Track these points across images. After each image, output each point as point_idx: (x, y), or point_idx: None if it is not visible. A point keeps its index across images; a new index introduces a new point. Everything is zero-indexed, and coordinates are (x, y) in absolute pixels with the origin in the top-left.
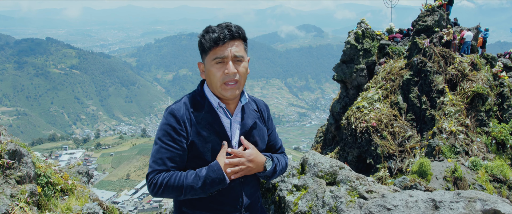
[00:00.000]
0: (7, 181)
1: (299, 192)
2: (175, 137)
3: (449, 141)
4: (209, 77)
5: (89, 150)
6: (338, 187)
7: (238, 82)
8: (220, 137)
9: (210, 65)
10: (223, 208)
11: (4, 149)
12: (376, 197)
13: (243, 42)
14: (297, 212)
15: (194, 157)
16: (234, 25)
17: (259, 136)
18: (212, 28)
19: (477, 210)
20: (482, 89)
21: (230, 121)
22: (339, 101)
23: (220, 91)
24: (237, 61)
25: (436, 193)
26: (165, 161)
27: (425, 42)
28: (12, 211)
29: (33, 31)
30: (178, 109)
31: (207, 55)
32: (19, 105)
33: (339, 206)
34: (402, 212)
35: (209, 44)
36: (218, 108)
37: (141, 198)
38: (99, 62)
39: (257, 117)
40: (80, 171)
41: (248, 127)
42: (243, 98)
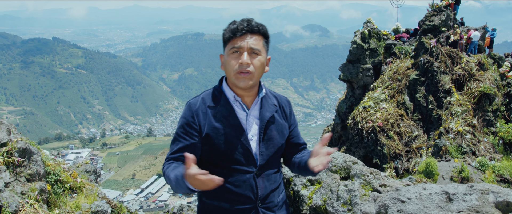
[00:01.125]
0: (17, 178)
1: (313, 186)
2: (187, 129)
3: (456, 141)
4: (226, 67)
5: (95, 150)
6: (352, 181)
7: (252, 74)
8: (235, 129)
9: (227, 55)
10: (238, 199)
11: (15, 147)
12: (390, 191)
13: (263, 38)
14: (311, 205)
15: (211, 149)
16: (256, 21)
17: (277, 130)
18: (234, 21)
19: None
20: (489, 89)
21: (246, 114)
22: (345, 101)
23: (234, 81)
24: (253, 53)
25: (449, 186)
26: (177, 151)
27: (432, 42)
28: (22, 208)
29: (39, 31)
30: (194, 103)
31: (226, 45)
32: (26, 104)
33: (354, 200)
34: (416, 204)
35: (228, 35)
36: (234, 102)
37: (147, 198)
38: (105, 62)
39: (276, 111)
40: (87, 170)
41: (265, 120)
42: (261, 92)
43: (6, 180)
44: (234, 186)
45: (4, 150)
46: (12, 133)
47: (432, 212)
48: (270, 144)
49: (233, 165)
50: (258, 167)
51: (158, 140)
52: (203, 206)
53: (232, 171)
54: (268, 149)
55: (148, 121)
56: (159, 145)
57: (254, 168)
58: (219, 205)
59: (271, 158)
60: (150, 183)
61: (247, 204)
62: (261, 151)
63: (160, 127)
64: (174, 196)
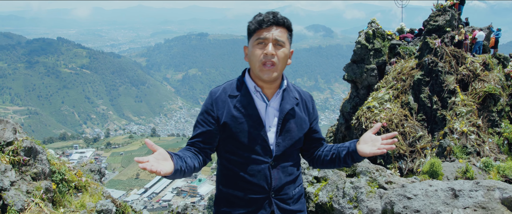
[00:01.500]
0: (23, 177)
1: (320, 184)
2: (206, 117)
3: (461, 141)
4: (250, 58)
5: (99, 149)
6: (358, 178)
7: (276, 65)
8: (253, 119)
9: (252, 46)
10: (252, 188)
11: (20, 146)
12: (395, 187)
13: (287, 31)
14: (317, 202)
15: (228, 137)
16: (281, 14)
17: (295, 123)
18: (260, 13)
19: (496, 198)
20: (494, 89)
21: (265, 105)
22: (349, 101)
23: (258, 72)
24: (278, 45)
25: (455, 182)
26: (194, 137)
27: (436, 42)
28: (28, 207)
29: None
30: (215, 92)
31: (251, 37)
32: (31, 104)
33: (360, 196)
34: (422, 201)
35: (254, 26)
36: (254, 92)
37: (151, 197)
38: (109, 62)
39: (296, 104)
40: (92, 169)
41: (285, 112)
42: (282, 85)
43: (12, 178)
44: (248, 175)
45: (10, 149)
46: (18, 132)
47: (438, 208)
48: (288, 136)
49: (249, 154)
50: (273, 157)
51: (162, 140)
52: (220, 194)
53: (248, 160)
54: (285, 140)
55: (152, 120)
56: (163, 145)
57: (269, 158)
58: (234, 193)
59: (288, 150)
60: (154, 183)
61: (260, 194)
62: (277, 142)
63: (164, 127)
64: (177, 196)
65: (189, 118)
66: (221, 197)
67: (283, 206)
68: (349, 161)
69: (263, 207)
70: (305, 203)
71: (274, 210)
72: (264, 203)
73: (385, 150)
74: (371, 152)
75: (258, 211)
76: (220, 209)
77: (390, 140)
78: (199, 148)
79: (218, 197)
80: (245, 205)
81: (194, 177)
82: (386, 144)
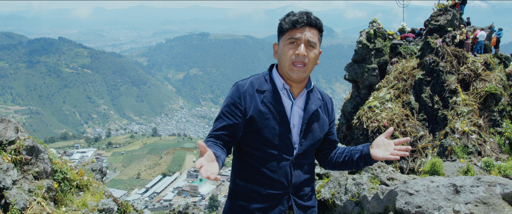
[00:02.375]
0: (25, 176)
1: (322, 180)
2: (232, 109)
3: (462, 141)
4: (280, 56)
5: (100, 149)
6: (360, 175)
7: (306, 65)
8: (279, 116)
9: (283, 45)
10: (272, 184)
11: (22, 145)
12: (397, 184)
13: (318, 32)
14: (320, 199)
15: (253, 132)
16: (314, 15)
17: (318, 123)
18: (293, 13)
19: (497, 193)
20: (495, 89)
21: (291, 103)
22: (350, 101)
23: (287, 71)
24: (310, 46)
25: (456, 178)
26: (219, 129)
27: (437, 42)
28: (30, 205)
29: (45, 31)
30: (243, 85)
31: (283, 35)
32: (32, 104)
33: (362, 193)
34: (424, 196)
35: (287, 26)
36: (282, 89)
37: (152, 197)
38: (111, 61)
39: (320, 106)
40: (93, 168)
41: (310, 113)
42: (309, 86)
43: (14, 177)
44: (269, 171)
45: (12, 148)
46: (20, 131)
47: (439, 203)
48: (310, 135)
49: (272, 150)
50: (295, 155)
51: (163, 140)
52: (236, 188)
53: (270, 156)
54: (307, 140)
55: (153, 120)
56: (164, 145)
57: (291, 156)
58: (252, 187)
59: (309, 149)
60: (155, 183)
61: (280, 190)
62: (300, 141)
63: (165, 127)
64: (178, 195)
65: (190, 118)
66: (238, 191)
67: (300, 202)
68: (362, 164)
69: (281, 203)
70: (316, 200)
71: (292, 205)
72: (283, 199)
73: (398, 157)
74: (384, 156)
75: (276, 206)
76: (236, 203)
77: (404, 147)
78: (224, 141)
79: (234, 191)
80: (263, 200)
81: (195, 177)
82: (400, 150)
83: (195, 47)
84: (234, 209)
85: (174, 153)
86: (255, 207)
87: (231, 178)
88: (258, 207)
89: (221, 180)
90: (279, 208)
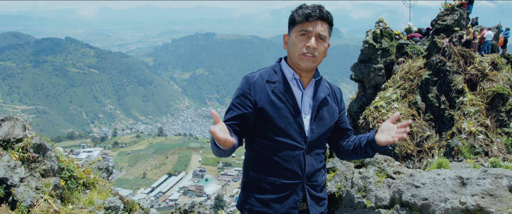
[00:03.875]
0: (32, 174)
1: (328, 174)
2: (243, 100)
3: (468, 141)
4: (290, 47)
5: (106, 148)
6: (366, 168)
7: (315, 57)
8: (290, 105)
9: (294, 36)
10: (286, 174)
11: (30, 142)
12: (404, 177)
13: (329, 26)
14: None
15: (265, 122)
16: (326, 9)
17: (328, 111)
18: (306, 6)
19: (504, 185)
20: (503, 89)
21: (301, 93)
22: (356, 100)
23: (297, 60)
24: (320, 39)
25: (463, 171)
26: (230, 119)
27: (444, 42)
28: (37, 203)
29: (52, 30)
30: (252, 77)
31: (295, 27)
32: (39, 103)
33: (368, 186)
34: (430, 189)
35: (300, 18)
36: (291, 80)
37: (157, 197)
38: (117, 61)
39: (329, 94)
40: (100, 167)
41: (319, 100)
42: (317, 75)
43: (22, 175)
44: (283, 161)
45: (20, 145)
46: (28, 129)
47: (446, 195)
48: (321, 123)
49: (285, 139)
50: (308, 144)
51: (169, 140)
52: (249, 180)
53: (283, 145)
54: (318, 127)
55: (159, 120)
56: (170, 145)
57: (304, 144)
58: (266, 179)
59: (321, 137)
60: (160, 182)
61: (294, 179)
62: (312, 129)
63: (171, 127)
64: (184, 195)
65: (196, 118)
66: (252, 183)
67: (313, 192)
68: (369, 150)
69: (296, 192)
70: (327, 193)
71: (306, 195)
72: (297, 188)
73: (396, 139)
74: (387, 140)
75: (290, 196)
76: (250, 195)
77: (404, 129)
78: (235, 131)
79: (248, 183)
80: (277, 191)
81: (200, 176)
82: (399, 132)
83: (201, 47)
84: (249, 201)
85: (179, 152)
86: (270, 198)
87: (244, 171)
88: (273, 198)
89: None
90: (293, 197)
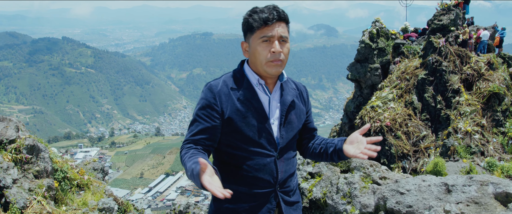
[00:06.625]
0: (25, 175)
1: (314, 179)
2: (210, 112)
3: (465, 141)
4: (254, 56)
5: (103, 148)
6: (352, 173)
7: (282, 61)
8: (258, 112)
9: (256, 43)
10: (257, 183)
11: (23, 144)
12: (389, 183)
13: (286, 24)
14: (311, 198)
15: (233, 132)
16: (280, 8)
17: (296, 114)
18: (261, 9)
19: (489, 193)
20: (499, 89)
21: (268, 97)
22: (353, 100)
23: (265, 69)
24: (282, 41)
25: (448, 177)
26: (197, 133)
27: (440, 41)
28: (30, 204)
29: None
30: (216, 85)
31: (254, 34)
32: (36, 103)
33: (353, 192)
34: (415, 196)
35: (258, 24)
36: (257, 85)
37: (155, 197)
38: (114, 61)
39: (296, 95)
40: (95, 168)
41: (287, 104)
42: (282, 77)
43: (14, 176)
44: (254, 170)
45: (13, 146)
46: (21, 130)
47: (430, 203)
48: (290, 127)
49: (254, 148)
50: (278, 150)
51: (166, 139)
52: None
53: (253, 154)
54: (288, 132)
55: (156, 120)
56: (167, 144)
57: (275, 151)
58: (238, 189)
59: (290, 142)
60: (158, 182)
61: (267, 188)
62: (281, 134)
63: (168, 126)
64: (181, 195)
65: None
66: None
67: (286, 198)
68: (336, 158)
69: (269, 201)
70: (300, 195)
71: (279, 202)
72: (270, 196)
73: (366, 156)
74: (355, 154)
75: (264, 205)
76: (222, 206)
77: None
78: (204, 145)
79: None
80: (250, 200)
81: None
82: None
83: (198, 47)
84: (221, 212)
85: (177, 152)
86: (243, 208)
87: None
88: (246, 208)
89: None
90: (267, 206)
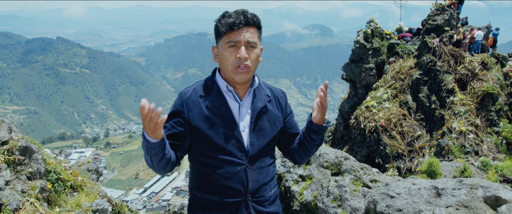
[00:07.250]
0: (18, 177)
1: (305, 182)
2: (176, 118)
3: (459, 140)
4: (221, 61)
5: (98, 149)
6: (342, 176)
7: (249, 67)
8: (226, 120)
9: (223, 49)
10: (227, 192)
11: (15, 145)
12: (379, 186)
13: (257, 30)
14: (302, 201)
15: (202, 140)
16: (250, 12)
17: (269, 120)
18: (229, 14)
19: (479, 196)
20: (493, 88)
21: (238, 104)
22: (348, 100)
23: (231, 75)
24: (250, 47)
25: (438, 180)
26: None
27: (435, 42)
28: (23, 206)
29: (43, 30)
30: (185, 93)
31: (221, 39)
32: (30, 104)
33: (344, 195)
34: (405, 199)
35: (224, 28)
36: (226, 92)
37: (150, 197)
38: (109, 61)
39: (268, 101)
40: (89, 169)
41: (257, 110)
42: (254, 84)
43: (7, 178)
44: (224, 178)
45: (5, 148)
46: (13, 131)
47: (420, 207)
48: (261, 134)
49: (224, 156)
50: (249, 158)
51: None
52: (194, 199)
53: (223, 162)
54: (259, 139)
55: None
56: None
57: (245, 159)
58: (209, 197)
59: (263, 150)
60: (153, 183)
61: (237, 197)
62: (251, 141)
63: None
64: (177, 195)
65: None
66: (196, 202)
67: (260, 208)
68: (313, 134)
69: (240, 210)
70: (280, 205)
71: (251, 213)
72: (241, 206)
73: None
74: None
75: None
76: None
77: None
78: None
79: (192, 202)
80: (221, 210)
81: None
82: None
83: (194, 47)
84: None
85: None
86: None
87: (189, 190)
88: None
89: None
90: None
